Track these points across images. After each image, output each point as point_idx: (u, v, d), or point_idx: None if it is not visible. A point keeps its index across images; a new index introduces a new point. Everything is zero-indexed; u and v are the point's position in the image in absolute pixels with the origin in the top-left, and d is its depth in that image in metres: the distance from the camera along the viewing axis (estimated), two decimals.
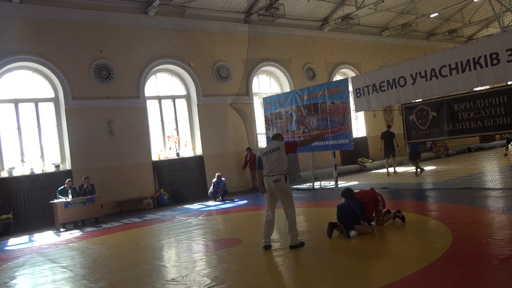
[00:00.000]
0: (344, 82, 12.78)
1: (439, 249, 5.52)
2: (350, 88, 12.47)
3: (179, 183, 14.76)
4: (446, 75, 10.03)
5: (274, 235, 8.21)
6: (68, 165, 12.97)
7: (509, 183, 10.36)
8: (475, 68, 9.51)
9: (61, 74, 12.86)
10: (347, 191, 7.24)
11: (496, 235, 6.02)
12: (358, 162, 18.40)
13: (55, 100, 13.18)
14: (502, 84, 10.12)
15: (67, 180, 11.77)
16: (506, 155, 16.71)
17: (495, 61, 9.16)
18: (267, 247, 6.54)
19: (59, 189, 11.62)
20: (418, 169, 14.41)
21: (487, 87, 10.51)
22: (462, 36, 22.65)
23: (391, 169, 15.35)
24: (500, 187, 10.13)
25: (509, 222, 6.71)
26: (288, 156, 6.76)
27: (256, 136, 16.21)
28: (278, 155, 6.48)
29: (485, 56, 9.31)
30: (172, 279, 5.60)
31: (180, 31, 15.14)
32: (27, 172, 12.44)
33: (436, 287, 4.38)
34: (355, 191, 7.38)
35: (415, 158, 14.37)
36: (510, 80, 9.57)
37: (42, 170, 12.73)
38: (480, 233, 6.15)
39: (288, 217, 6.51)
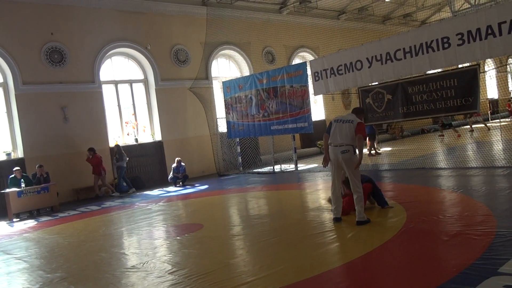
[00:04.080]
0: (303, 65, 12.88)
1: (394, 227, 5.73)
2: (309, 72, 12.58)
3: (138, 169, 14.53)
4: (401, 59, 10.29)
5: (234, 218, 8.32)
6: (20, 153, 12.46)
7: (458, 162, 10.87)
8: (427, 52, 9.79)
9: (9, 58, 12.24)
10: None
11: (447, 213, 6.30)
12: (318, 145, 18.68)
13: (4, 85, 12.57)
14: (452, 68, 10.51)
15: (15, 169, 11.29)
16: (441, 135, 18.03)
17: (446, 45, 9.46)
18: (337, 219, 6.36)
19: (10, 177, 11.20)
20: (374, 151, 15.00)
21: (439, 70, 10.87)
22: (416, 20, 23.23)
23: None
24: (451, 166, 10.61)
25: (459, 200, 7.05)
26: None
27: (216, 121, 16.11)
28: (349, 128, 6.14)
29: (437, 40, 9.59)
30: (132, 266, 5.53)
31: (136, 13, 14.70)
32: None
33: (390, 264, 4.55)
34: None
35: (373, 139, 14.90)
36: (460, 64, 9.93)
37: None
38: (432, 211, 6.41)
39: (355, 191, 6.18)
